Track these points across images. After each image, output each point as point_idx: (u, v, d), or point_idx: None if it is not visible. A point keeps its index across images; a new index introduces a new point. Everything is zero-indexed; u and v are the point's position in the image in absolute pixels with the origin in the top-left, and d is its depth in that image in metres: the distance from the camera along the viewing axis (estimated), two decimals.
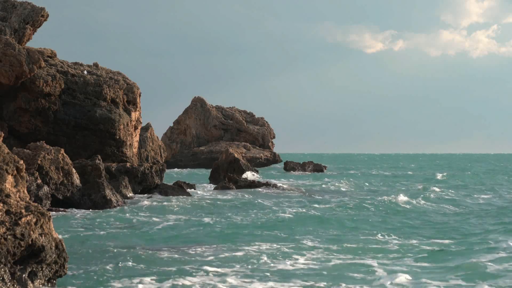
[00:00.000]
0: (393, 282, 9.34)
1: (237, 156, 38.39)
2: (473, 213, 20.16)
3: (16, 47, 25.45)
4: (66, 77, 28.03)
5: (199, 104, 76.45)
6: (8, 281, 6.75)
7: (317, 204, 22.26)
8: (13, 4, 28.17)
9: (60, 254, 7.36)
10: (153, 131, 44.19)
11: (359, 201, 23.26)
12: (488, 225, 16.66)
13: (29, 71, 25.61)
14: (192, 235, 14.51)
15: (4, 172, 7.31)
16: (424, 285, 9.21)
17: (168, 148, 68.02)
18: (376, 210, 20.42)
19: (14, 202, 7.21)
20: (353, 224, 16.55)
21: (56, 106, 27.25)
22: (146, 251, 12.02)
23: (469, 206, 22.74)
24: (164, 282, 9.28)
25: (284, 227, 15.86)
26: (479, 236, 14.44)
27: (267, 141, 74.70)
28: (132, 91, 29.66)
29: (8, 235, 6.85)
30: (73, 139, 27.57)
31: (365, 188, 33.40)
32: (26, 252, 7.04)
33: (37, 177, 19.14)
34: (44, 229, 7.22)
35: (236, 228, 15.67)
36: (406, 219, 18.22)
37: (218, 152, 59.06)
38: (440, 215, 19.66)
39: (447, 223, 17.45)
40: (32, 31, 28.04)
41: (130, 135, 29.18)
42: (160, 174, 25.94)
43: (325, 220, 17.37)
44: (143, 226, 15.98)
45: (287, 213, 18.79)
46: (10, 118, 26.82)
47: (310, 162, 59.52)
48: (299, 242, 13.26)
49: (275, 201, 23.64)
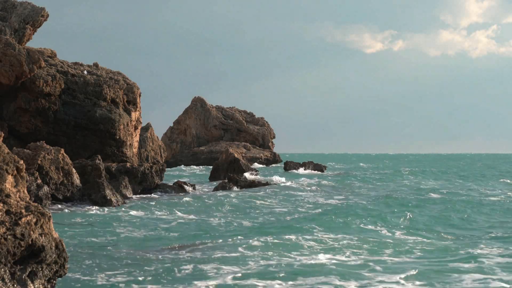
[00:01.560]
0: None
1: (237, 156, 38.40)
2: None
3: (16, 47, 25.44)
4: (66, 77, 28.03)
5: (199, 104, 76.48)
6: (8, 281, 6.75)
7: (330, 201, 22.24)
8: (13, 4, 28.17)
9: (60, 254, 7.35)
10: (153, 131, 44.20)
11: (371, 198, 23.28)
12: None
13: (29, 71, 25.60)
14: (192, 235, 14.50)
15: (4, 172, 7.30)
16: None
17: (168, 148, 68.04)
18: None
19: (14, 202, 7.20)
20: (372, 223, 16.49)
21: (56, 106, 27.25)
22: (148, 251, 12.01)
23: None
24: (165, 282, 9.28)
25: (289, 225, 15.86)
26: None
27: (267, 141, 74.73)
28: (132, 91, 29.67)
29: (8, 235, 6.85)
30: (73, 139, 27.56)
31: (367, 186, 33.42)
32: (26, 252, 7.04)
33: (37, 177, 19.14)
34: (44, 229, 7.21)
35: (239, 227, 15.67)
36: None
37: (218, 152, 59.08)
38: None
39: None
40: (32, 31, 28.05)
41: (130, 135, 29.18)
42: (160, 174, 25.94)
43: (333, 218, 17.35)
44: (145, 226, 15.97)
45: (286, 212, 18.79)
46: (10, 118, 26.81)
47: (310, 162, 59.49)
48: (304, 238, 13.25)
49: (276, 201, 23.63)
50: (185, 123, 76.13)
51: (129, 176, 24.49)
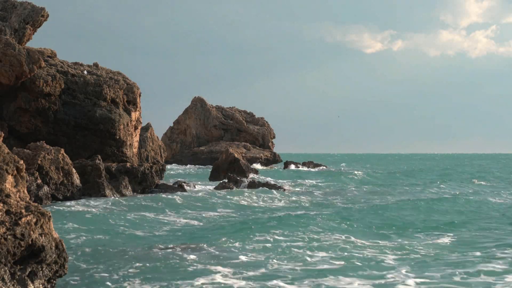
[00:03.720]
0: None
1: (237, 156, 38.40)
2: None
3: (16, 47, 25.45)
4: (66, 77, 28.04)
5: (199, 104, 76.50)
6: (8, 281, 6.76)
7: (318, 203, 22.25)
8: (13, 4, 28.18)
9: (60, 254, 7.36)
10: (153, 131, 44.24)
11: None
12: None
13: (29, 71, 25.61)
14: (192, 234, 14.51)
15: (4, 172, 7.31)
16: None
17: (168, 148, 68.07)
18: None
19: (14, 202, 7.21)
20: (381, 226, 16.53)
21: (56, 106, 27.26)
22: (149, 249, 12.02)
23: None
24: (165, 280, 9.28)
25: (284, 222, 15.87)
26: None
27: (267, 141, 74.75)
28: (132, 91, 29.67)
29: (8, 235, 6.86)
30: (73, 139, 27.57)
31: (362, 188, 33.43)
32: (26, 252, 7.04)
33: (37, 177, 19.15)
34: (44, 229, 7.22)
35: (239, 226, 15.67)
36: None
37: (218, 152, 59.09)
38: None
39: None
40: (32, 31, 28.06)
41: (130, 135, 29.19)
42: (160, 174, 25.95)
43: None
44: (145, 225, 15.98)
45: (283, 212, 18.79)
46: (10, 118, 26.82)
47: (310, 162, 59.63)
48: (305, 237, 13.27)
49: (276, 200, 23.67)
50: (185, 123, 76.15)
51: (129, 176, 24.50)
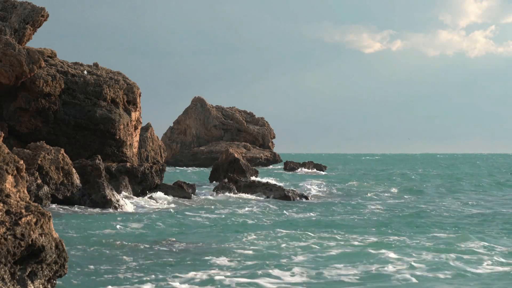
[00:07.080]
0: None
1: (237, 156, 38.37)
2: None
3: (16, 47, 25.44)
4: (66, 77, 28.02)
5: (199, 104, 76.50)
6: (8, 281, 6.75)
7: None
8: (13, 4, 28.17)
9: (60, 254, 7.35)
10: (153, 131, 44.25)
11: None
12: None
13: (29, 71, 25.60)
14: (192, 233, 14.52)
15: (4, 172, 7.30)
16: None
17: (168, 148, 68.06)
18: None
19: (14, 202, 7.20)
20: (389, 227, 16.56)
21: (56, 106, 27.25)
22: (148, 247, 12.02)
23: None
24: (168, 282, 9.28)
25: (290, 224, 15.89)
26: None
27: (267, 141, 74.75)
28: (132, 91, 29.66)
29: (8, 235, 6.85)
30: (73, 139, 27.56)
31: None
32: (26, 252, 7.03)
33: (37, 177, 19.14)
34: (44, 229, 7.21)
35: (243, 226, 15.69)
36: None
37: (218, 152, 59.08)
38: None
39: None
40: (32, 31, 28.04)
41: (130, 135, 29.18)
42: (160, 174, 25.93)
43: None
44: (145, 224, 16.00)
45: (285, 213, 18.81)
46: (10, 118, 26.81)
47: (310, 162, 59.55)
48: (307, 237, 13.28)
49: (277, 199, 23.67)
50: (185, 123, 76.14)
51: (129, 176, 24.48)
